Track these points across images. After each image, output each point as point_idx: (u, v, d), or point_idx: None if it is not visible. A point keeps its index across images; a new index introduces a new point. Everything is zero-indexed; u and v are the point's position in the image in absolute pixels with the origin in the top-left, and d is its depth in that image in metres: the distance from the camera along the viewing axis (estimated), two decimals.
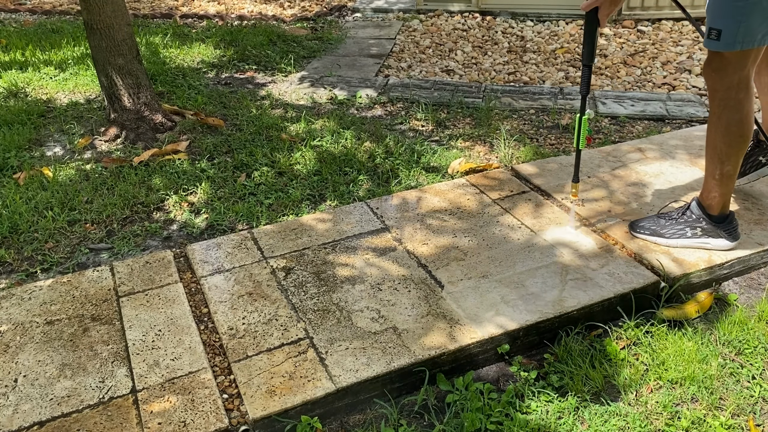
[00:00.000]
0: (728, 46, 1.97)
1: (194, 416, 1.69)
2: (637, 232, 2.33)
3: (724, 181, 2.18)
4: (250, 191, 2.85)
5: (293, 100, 3.81)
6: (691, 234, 2.25)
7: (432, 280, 2.16)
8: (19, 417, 1.70)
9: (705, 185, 2.24)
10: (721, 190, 2.20)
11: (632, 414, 1.75)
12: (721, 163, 2.15)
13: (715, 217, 2.22)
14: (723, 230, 2.23)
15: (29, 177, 2.93)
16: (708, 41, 2.01)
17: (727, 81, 2.03)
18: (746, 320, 2.05)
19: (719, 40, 1.97)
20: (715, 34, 1.98)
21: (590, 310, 2.04)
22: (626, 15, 5.15)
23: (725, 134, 2.10)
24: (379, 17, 5.59)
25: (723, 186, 2.19)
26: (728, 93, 2.05)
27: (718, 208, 2.22)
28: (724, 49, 1.98)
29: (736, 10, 1.92)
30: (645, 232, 2.32)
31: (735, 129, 2.08)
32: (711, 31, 1.99)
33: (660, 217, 2.34)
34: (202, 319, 2.05)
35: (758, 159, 2.56)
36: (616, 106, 3.64)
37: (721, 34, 1.97)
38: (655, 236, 2.29)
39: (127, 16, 3.22)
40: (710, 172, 2.20)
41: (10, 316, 2.06)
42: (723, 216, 2.23)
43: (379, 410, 1.80)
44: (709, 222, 2.23)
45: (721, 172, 2.16)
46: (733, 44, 1.96)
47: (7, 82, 3.98)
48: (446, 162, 3.04)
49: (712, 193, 2.21)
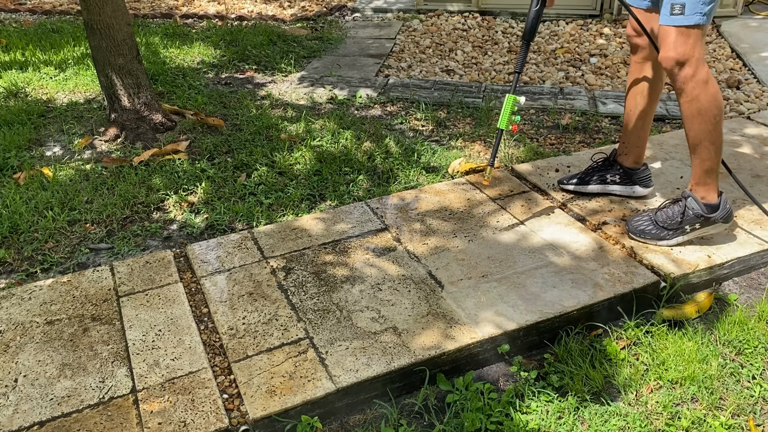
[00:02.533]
0: (692, 18, 1.95)
1: (194, 416, 1.69)
2: (638, 236, 2.30)
3: (716, 165, 2.15)
4: (250, 191, 2.85)
5: (293, 100, 3.81)
6: (690, 230, 2.23)
7: (432, 279, 2.16)
8: (19, 417, 1.70)
9: (696, 177, 2.20)
10: (714, 175, 2.17)
11: (632, 414, 1.75)
12: (713, 145, 2.11)
13: (713, 204, 2.19)
14: (720, 217, 2.20)
15: (29, 177, 2.93)
16: (671, 18, 1.99)
17: (694, 60, 2.02)
18: (746, 320, 2.05)
19: (683, 15, 1.96)
20: (680, 8, 1.97)
21: (590, 310, 2.04)
22: (626, 15, 5.15)
23: (710, 110, 2.07)
24: (379, 17, 5.59)
25: (714, 170, 2.16)
26: (698, 71, 2.03)
27: (714, 193, 2.19)
28: (689, 22, 1.97)
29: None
30: (646, 237, 2.29)
31: (715, 101, 2.06)
32: (674, 6, 1.97)
33: (657, 215, 2.29)
34: (202, 319, 2.05)
35: (605, 176, 2.58)
36: (616, 106, 3.64)
37: (685, 6, 1.96)
38: (655, 239, 2.28)
39: (127, 16, 3.22)
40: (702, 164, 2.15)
41: (10, 316, 2.06)
42: (718, 201, 2.20)
43: (379, 410, 1.80)
44: (706, 217, 2.20)
45: (714, 156, 2.13)
46: (697, 17, 1.95)
47: (7, 82, 3.98)
48: (446, 162, 3.04)
49: (707, 184, 2.18)
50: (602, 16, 5.23)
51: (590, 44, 4.75)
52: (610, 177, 2.57)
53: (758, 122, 3.29)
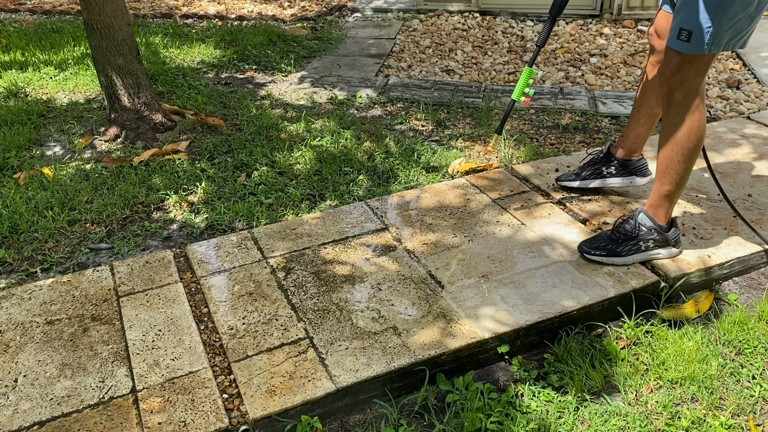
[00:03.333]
0: (698, 48, 1.89)
1: (194, 416, 1.69)
2: (593, 255, 2.20)
3: (677, 194, 2.12)
4: (250, 191, 2.85)
5: (293, 100, 3.81)
6: (644, 247, 2.17)
7: (432, 279, 2.16)
8: (19, 417, 1.70)
9: (654, 199, 2.16)
10: (672, 203, 2.15)
11: (632, 414, 1.75)
12: (678, 175, 2.06)
13: (664, 227, 2.16)
14: (672, 238, 2.17)
15: (29, 177, 2.93)
16: (676, 42, 1.93)
17: (688, 86, 1.96)
18: (746, 320, 2.05)
19: (689, 42, 1.90)
20: (686, 36, 1.90)
21: (590, 310, 2.04)
22: (626, 15, 5.15)
23: (685, 141, 2.01)
24: (379, 17, 5.59)
25: (674, 198, 2.14)
26: (688, 99, 1.97)
27: (666, 217, 2.17)
28: (694, 51, 1.90)
29: (710, 11, 1.85)
30: (601, 253, 2.20)
31: (695, 135, 2.00)
32: (681, 31, 1.91)
33: (613, 233, 2.22)
34: (202, 318, 2.05)
35: (601, 169, 2.56)
36: (617, 105, 3.64)
37: (691, 35, 1.89)
38: (612, 256, 2.18)
39: (127, 16, 3.22)
40: (662, 187, 2.11)
41: (10, 316, 2.06)
42: (669, 224, 2.17)
43: (379, 410, 1.80)
44: (661, 232, 2.16)
45: (677, 185, 2.09)
46: (703, 47, 1.89)
47: (7, 82, 3.98)
48: (446, 162, 3.04)
49: (662, 208, 2.15)
50: (602, 16, 5.23)
51: (590, 44, 4.75)
52: (605, 170, 2.55)
53: (758, 122, 3.29)
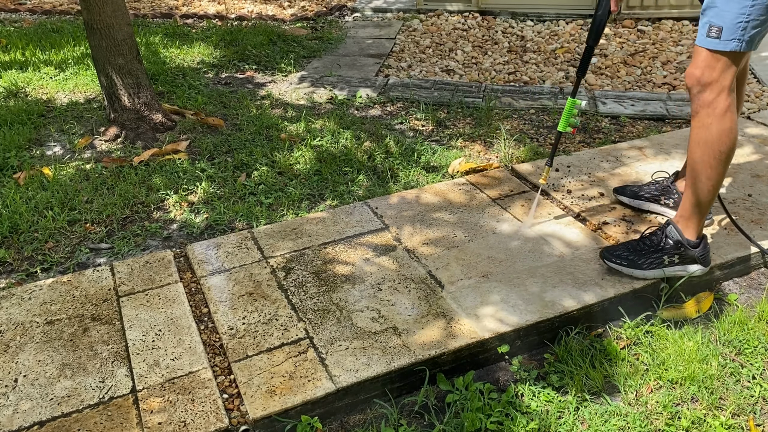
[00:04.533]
0: (728, 44, 1.86)
1: (194, 416, 1.69)
2: (613, 262, 2.14)
3: (708, 204, 2.03)
4: (250, 191, 2.85)
5: (293, 100, 3.81)
6: (668, 262, 2.10)
7: (432, 279, 2.16)
8: (19, 417, 1.70)
9: (684, 209, 2.08)
10: (703, 215, 2.06)
11: (632, 414, 1.75)
12: (710, 182, 1.97)
13: (693, 242, 2.08)
14: (699, 255, 2.09)
15: (29, 177, 2.93)
16: (706, 39, 1.88)
17: (718, 86, 1.90)
18: (746, 320, 2.05)
19: (719, 39, 1.86)
20: (716, 32, 1.86)
21: (590, 310, 2.04)
22: (626, 14, 5.15)
23: (717, 144, 1.93)
24: (379, 17, 5.59)
25: (705, 210, 2.05)
26: (718, 100, 1.90)
27: (697, 231, 2.08)
28: (724, 48, 1.86)
29: (743, 8, 1.81)
30: (621, 262, 2.14)
31: (727, 137, 1.92)
32: (711, 28, 1.86)
33: (637, 243, 2.15)
34: (202, 319, 2.05)
35: (659, 198, 2.45)
36: (617, 105, 3.64)
37: (722, 31, 1.85)
38: (632, 267, 2.12)
39: (127, 16, 3.22)
40: (692, 196, 2.03)
41: (10, 316, 2.06)
42: (699, 240, 2.09)
43: (379, 410, 1.80)
44: (687, 248, 2.08)
45: (708, 193, 2.00)
46: (734, 43, 1.85)
47: (7, 82, 3.98)
48: (446, 162, 3.04)
49: (693, 220, 2.07)
50: None
51: None
52: (664, 200, 2.45)
53: (758, 122, 3.29)
